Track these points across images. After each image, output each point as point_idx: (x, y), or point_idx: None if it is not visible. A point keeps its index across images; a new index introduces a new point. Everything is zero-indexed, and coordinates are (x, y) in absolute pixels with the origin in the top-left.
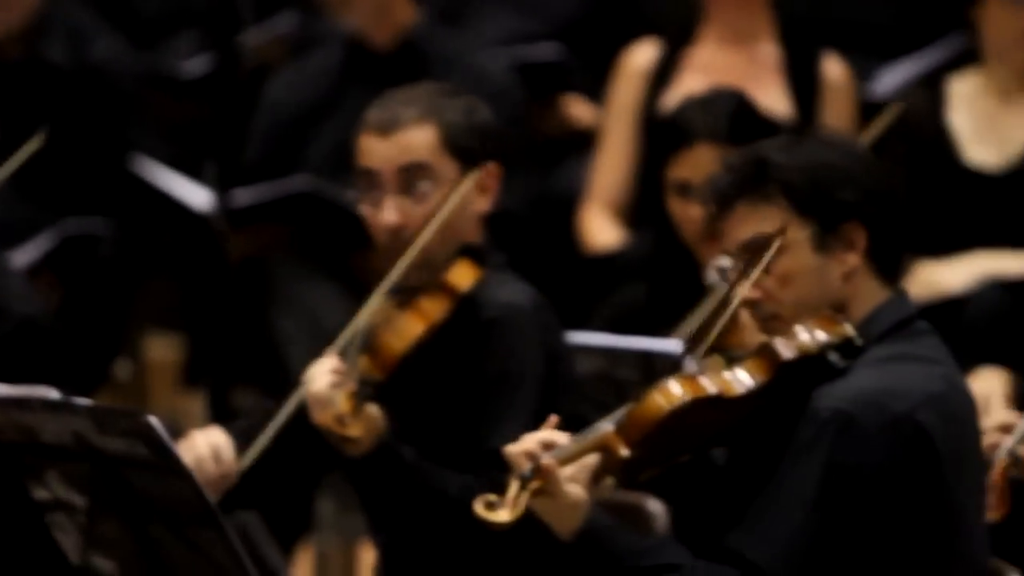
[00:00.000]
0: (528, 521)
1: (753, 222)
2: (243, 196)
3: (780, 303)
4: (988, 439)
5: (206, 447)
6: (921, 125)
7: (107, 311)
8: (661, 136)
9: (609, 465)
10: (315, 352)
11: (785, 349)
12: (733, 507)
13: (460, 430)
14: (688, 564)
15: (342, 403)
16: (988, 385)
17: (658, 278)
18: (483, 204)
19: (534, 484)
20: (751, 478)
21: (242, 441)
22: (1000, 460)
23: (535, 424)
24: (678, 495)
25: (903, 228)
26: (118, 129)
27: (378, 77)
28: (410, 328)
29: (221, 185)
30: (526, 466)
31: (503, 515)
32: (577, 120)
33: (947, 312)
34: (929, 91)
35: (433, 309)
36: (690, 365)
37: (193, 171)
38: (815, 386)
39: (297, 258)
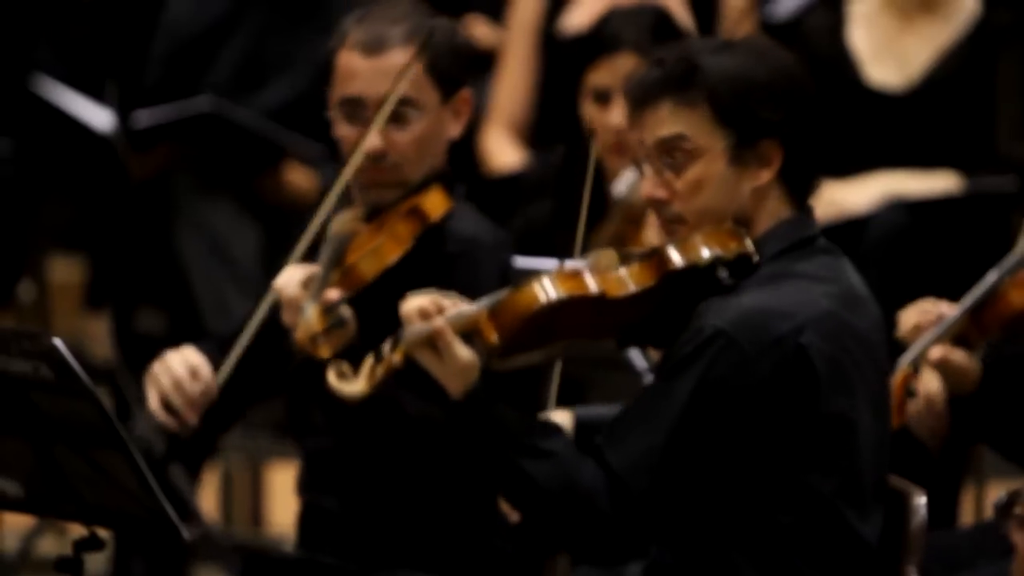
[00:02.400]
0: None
1: (673, 125)
2: (144, 117)
3: (687, 207)
4: (910, 321)
5: (182, 366)
6: (822, 45)
7: (9, 233)
8: (583, 44)
9: (479, 346)
10: (218, 273)
11: (676, 257)
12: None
13: None
14: (560, 451)
15: (314, 320)
16: None
17: (566, 194)
18: (455, 130)
19: (392, 358)
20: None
21: (213, 358)
22: (902, 369)
23: None
24: None
25: (819, 152)
26: (19, 49)
27: None
28: (384, 253)
29: (122, 106)
30: (417, 322)
31: (357, 386)
32: (479, 40)
33: (849, 232)
34: (829, 11)
35: (405, 233)
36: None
37: (94, 91)
38: (700, 299)
39: (200, 178)
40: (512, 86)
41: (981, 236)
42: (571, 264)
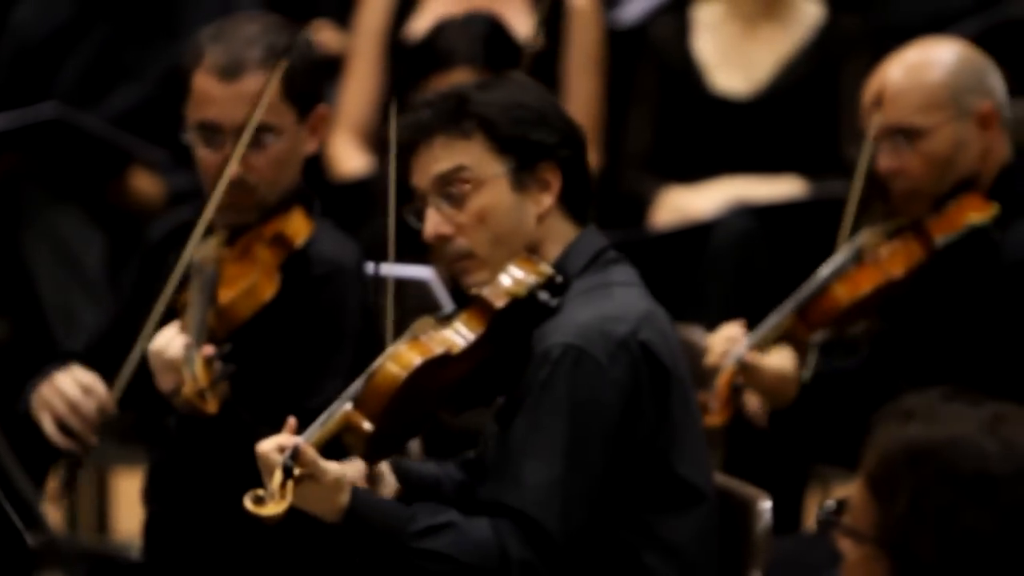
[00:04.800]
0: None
1: (449, 157)
2: None
3: (475, 240)
4: (718, 349)
5: (74, 386)
6: (667, 52)
7: None
8: (417, 57)
9: (355, 442)
10: (65, 281)
11: (495, 298)
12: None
13: (279, 386)
14: (454, 520)
15: (200, 374)
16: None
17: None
18: (312, 146)
19: (299, 471)
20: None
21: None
22: (728, 367)
23: (349, 381)
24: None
25: (590, 174)
26: None
27: (123, 3)
28: (261, 291)
29: None
30: (279, 458)
31: (272, 508)
32: (325, 46)
33: (695, 237)
34: (675, 19)
35: (274, 265)
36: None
37: None
38: (532, 327)
39: (47, 186)
40: (359, 92)
41: (826, 239)
42: (386, 270)
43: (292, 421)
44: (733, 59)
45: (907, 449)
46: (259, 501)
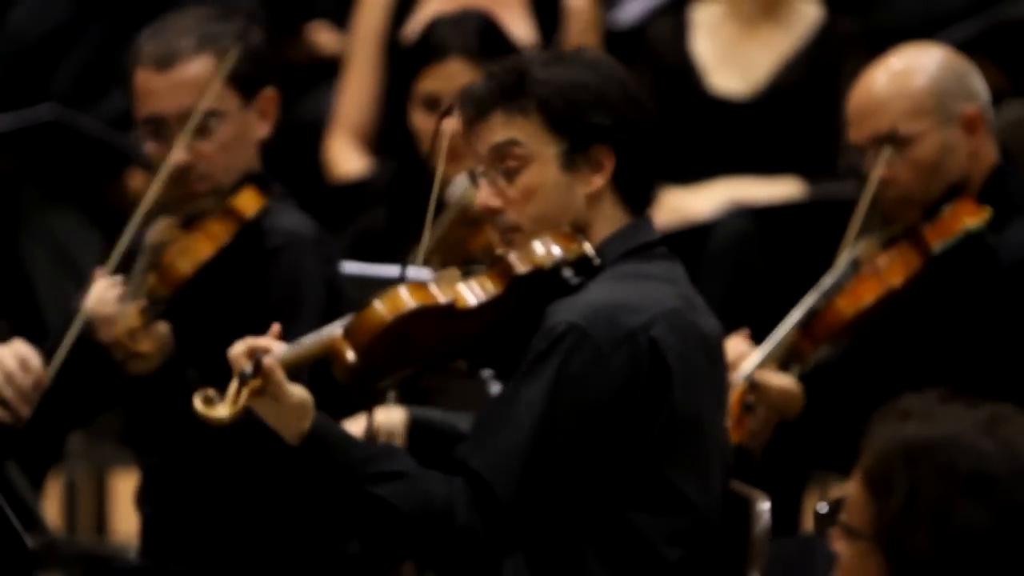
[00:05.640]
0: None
1: (505, 132)
2: None
3: (521, 215)
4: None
5: (12, 359)
6: (665, 53)
7: None
8: (411, 53)
9: (339, 371)
10: (63, 282)
11: (519, 263)
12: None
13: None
14: (407, 471)
15: (132, 317)
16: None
17: (399, 202)
18: (263, 130)
19: (255, 383)
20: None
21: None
22: (737, 385)
23: None
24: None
25: (652, 158)
26: None
27: (119, 4)
28: (197, 249)
29: None
30: (247, 365)
31: (222, 411)
32: (323, 48)
33: (693, 238)
34: (673, 19)
35: (219, 232)
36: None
37: None
38: (549, 301)
39: (46, 188)
40: (356, 94)
41: (824, 241)
42: (414, 273)
43: (276, 327)
44: (731, 60)
45: (904, 446)
46: (208, 402)
